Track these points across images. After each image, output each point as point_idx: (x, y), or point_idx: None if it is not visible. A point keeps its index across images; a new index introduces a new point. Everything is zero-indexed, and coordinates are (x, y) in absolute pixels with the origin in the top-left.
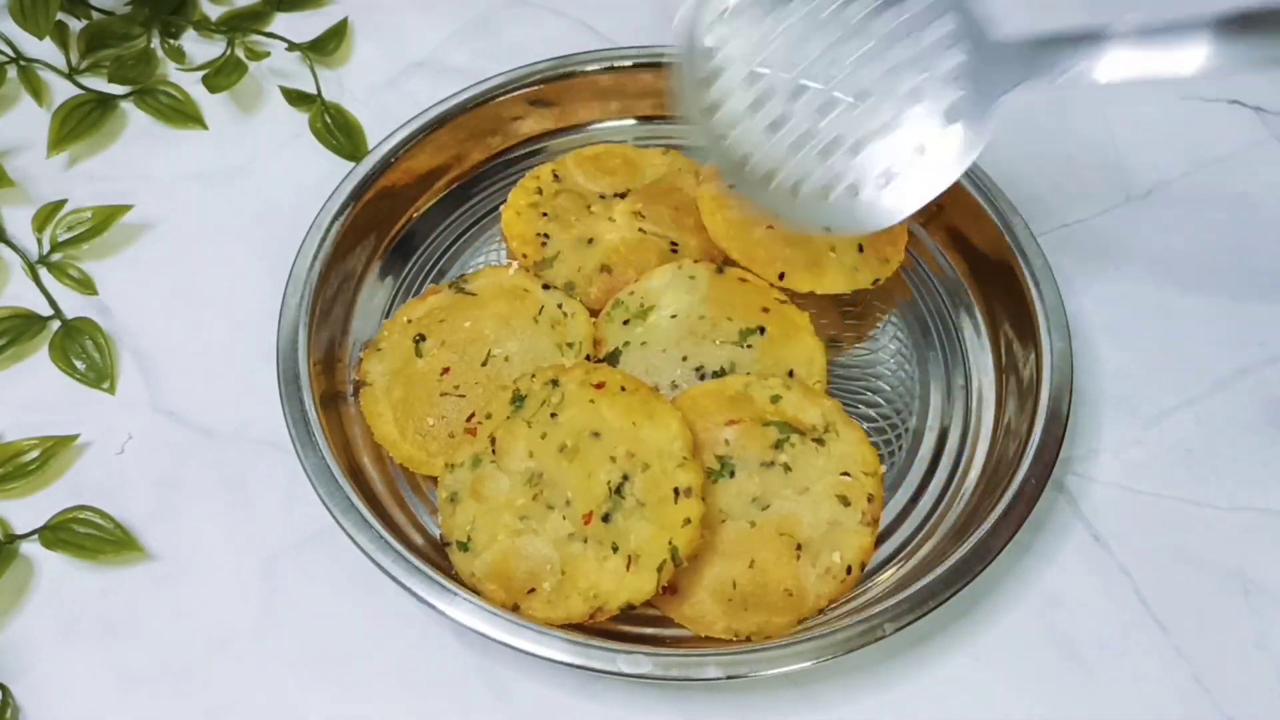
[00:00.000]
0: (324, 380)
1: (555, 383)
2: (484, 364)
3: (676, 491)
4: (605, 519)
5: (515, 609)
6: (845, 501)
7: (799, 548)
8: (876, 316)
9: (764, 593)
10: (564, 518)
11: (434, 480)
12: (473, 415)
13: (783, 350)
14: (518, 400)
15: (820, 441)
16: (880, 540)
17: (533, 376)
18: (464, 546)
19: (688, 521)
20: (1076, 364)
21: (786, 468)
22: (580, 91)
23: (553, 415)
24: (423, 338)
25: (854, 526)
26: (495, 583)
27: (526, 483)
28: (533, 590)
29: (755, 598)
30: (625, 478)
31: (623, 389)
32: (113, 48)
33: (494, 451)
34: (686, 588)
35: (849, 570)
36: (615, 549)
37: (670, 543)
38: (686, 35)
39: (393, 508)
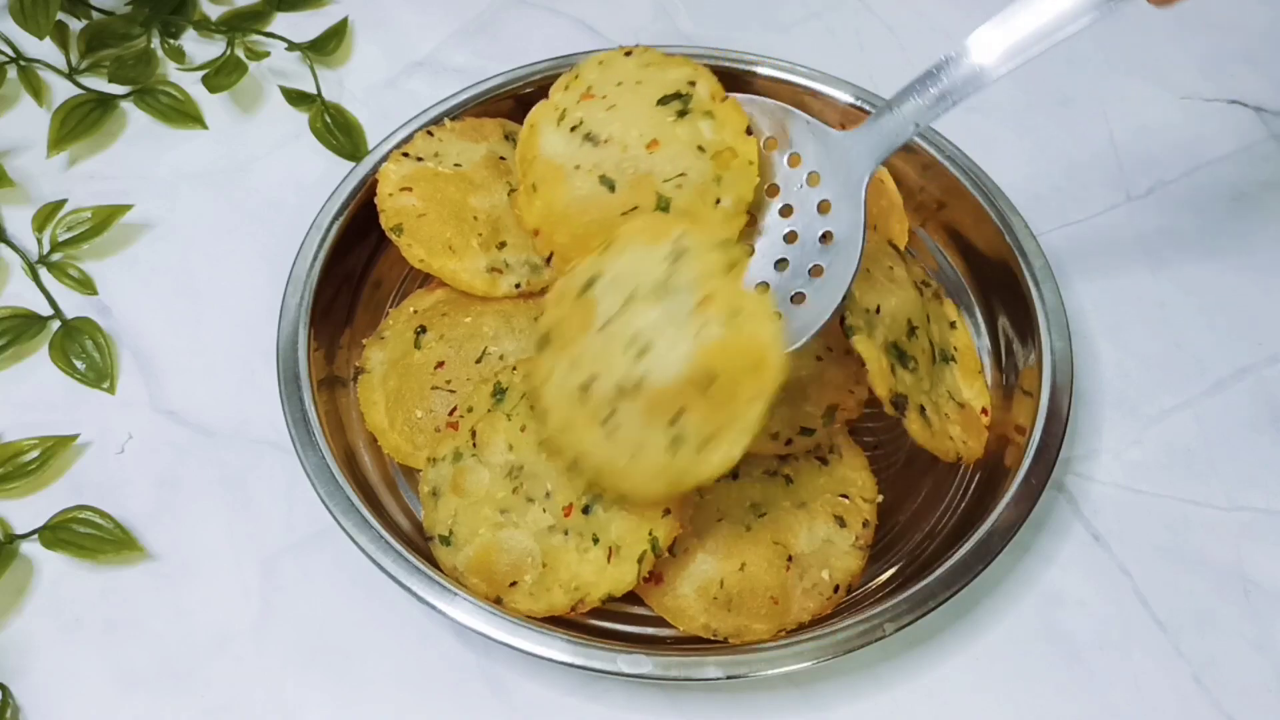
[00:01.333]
0: (324, 370)
1: None
2: (478, 361)
3: None
4: (585, 510)
5: (498, 602)
6: (841, 522)
7: (790, 559)
8: None
9: (749, 597)
10: (544, 510)
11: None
12: (454, 409)
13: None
14: (499, 393)
15: (823, 461)
16: (879, 540)
17: (513, 369)
18: (446, 541)
19: (667, 511)
20: (1076, 364)
21: (788, 480)
22: None
23: (532, 407)
24: (424, 329)
25: (846, 548)
26: (477, 576)
27: (507, 476)
28: (514, 583)
29: (740, 600)
30: None
31: None
32: (113, 48)
33: (475, 445)
34: (671, 579)
35: (835, 589)
36: (596, 540)
37: (650, 533)
38: None
39: (393, 507)
